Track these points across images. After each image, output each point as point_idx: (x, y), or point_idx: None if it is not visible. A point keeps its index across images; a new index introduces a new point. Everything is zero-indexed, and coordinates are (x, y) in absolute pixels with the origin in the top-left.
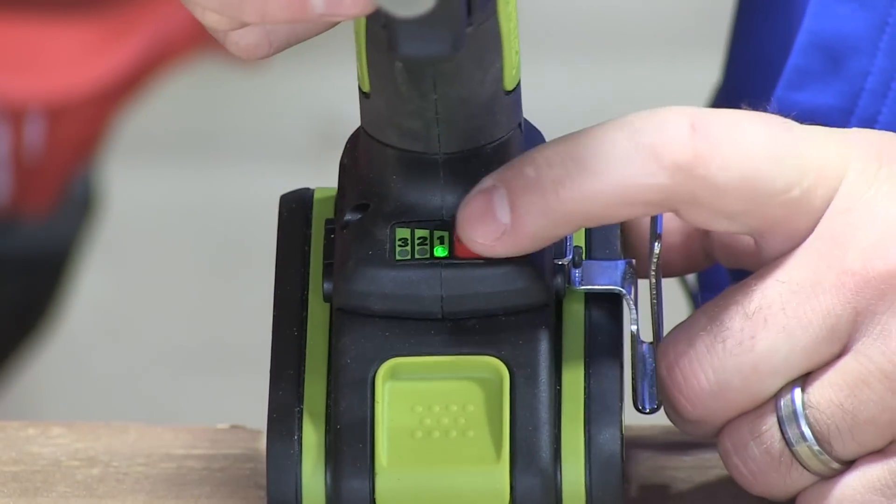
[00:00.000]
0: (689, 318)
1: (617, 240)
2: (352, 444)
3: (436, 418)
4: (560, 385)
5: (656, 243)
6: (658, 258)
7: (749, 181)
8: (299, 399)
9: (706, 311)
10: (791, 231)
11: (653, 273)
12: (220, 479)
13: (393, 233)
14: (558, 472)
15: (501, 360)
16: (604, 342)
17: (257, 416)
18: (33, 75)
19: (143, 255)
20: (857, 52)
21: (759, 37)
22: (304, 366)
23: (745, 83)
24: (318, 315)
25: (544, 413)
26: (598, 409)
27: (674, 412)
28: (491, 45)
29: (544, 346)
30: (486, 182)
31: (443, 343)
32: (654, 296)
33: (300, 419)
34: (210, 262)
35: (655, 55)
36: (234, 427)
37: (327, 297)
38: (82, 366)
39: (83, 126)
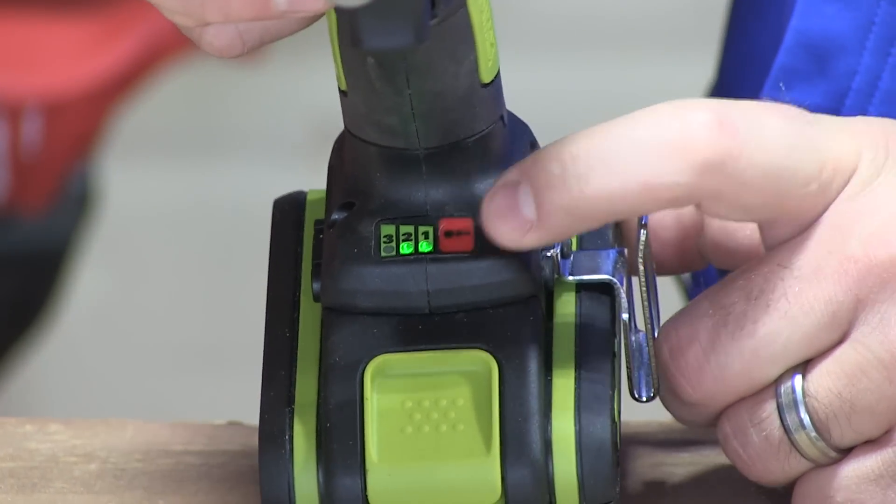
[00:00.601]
0: (692, 301)
1: (609, 230)
2: (342, 442)
3: (425, 413)
4: (551, 375)
5: (642, 232)
6: (645, 248)
7: (772, 176)
8: (290, 399)
9: (709, 295)
10: (801, 221)
11: (640, 260)
12: (218, 476)
13: (378, 230)
14: (549, 463)
15: (490, 353)
16: (595, 332)
17: (255, 413)
18: (31, 72)
19: (141, 252)
20: (843, 52)
21: (751, 35)
22: (296, 366)
23: (738, 81)
24: (309, 316)
25: (534, 404)
26: (589, 398)
27: (674, 395)
28: (462, 37)
29: (532, 338)
30: (511, 175)
31: (431, 338)
32: (643, 283)
33: (291, 419)
34: (207, 258)
35: (651, 51)
36: (231, 423)
37: (316, 297)
38: (80, 362)
39: (80, 123)
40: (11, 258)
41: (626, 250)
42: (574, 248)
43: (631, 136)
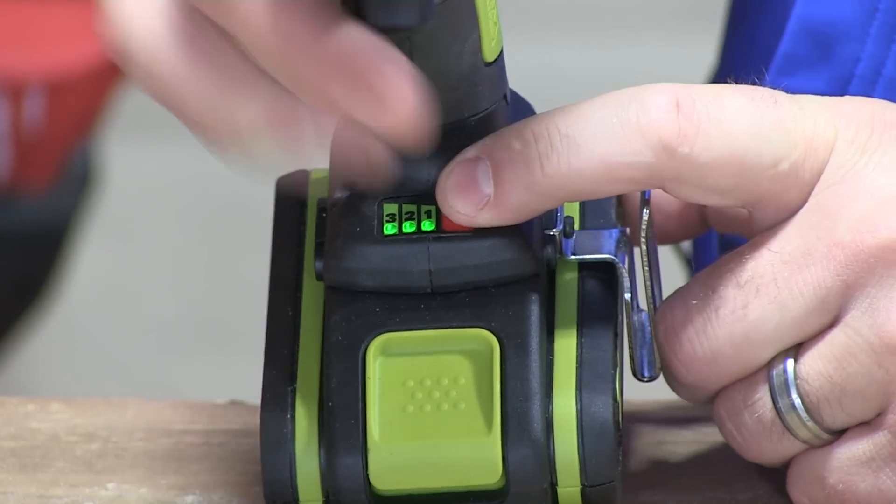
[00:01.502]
0: (685, 285)
1: (612, 209)
2: (344, 421)
3: (427, 392)
4: (552, 355)
5: (645, 210)
6: (648, 226)
7: (734, 158)
8: (292, 378)
9: (700, 279)
10: (783, 203)
11: (643, 241)
12: (218, 455)
13: (381, 208)
14: (551, 442)
15: (491, 332)
16: (597, 311)
17: (256, 392)
18: (33, 50)
19: (143, 231)
20: (847, 39)
21: (753, 21)
22: (298, 345)
23: (740, 68)
24: (312, 295)
25: (535, 383)
26: (591, 377)
27: (670, 376)
28: (466, 16)
29: (534, 317)
30: (470, 152)
31: (433, 317)
32: (645, 263)
33: (293, 398)
34: (210, 237)
35: (654, 31)
36: (232, 402)
37: (319, 276)
38: (81, 341)
39: (83, 101)
40: (13, 237)
41: (628, 230)
42: (577, 227)
43: (592, 115)
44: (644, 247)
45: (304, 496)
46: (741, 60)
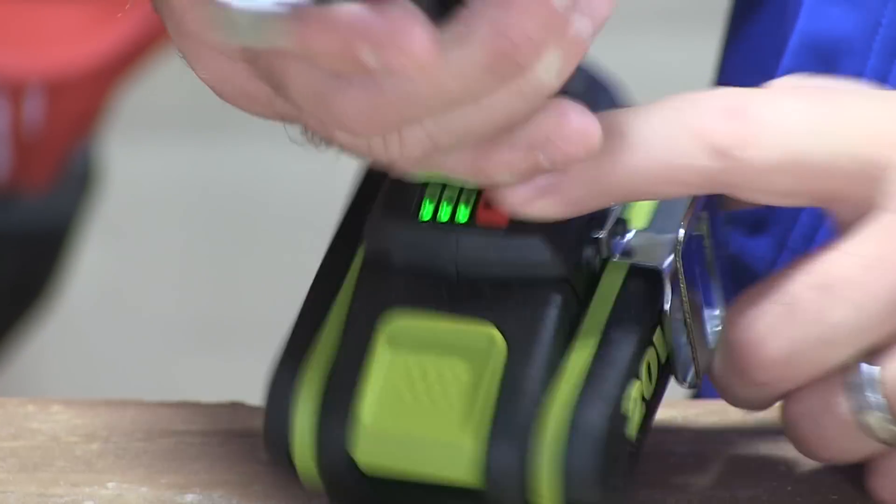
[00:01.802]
0: (759, 286)
1: (683, 212)
2: (342, 399)
3: (428, 384)
4: (568, 363)
5: (681, 229)
6: (682, 244)
7: (791, 161)
8: (313, 343)
9: (777, 281)
10: (855, 201)
11: (678, 260)
12: (218, 454)
13: (423, 188)
14: (536, 453)
15: (502, 333)
16: (629, 319)
17: (257, 393)
18: (33, 50)
19: (143, 231)
20: (849, 54)
21: (754, 37)
22: (332, 306)
23: (740, 84)
24: (359, 265)
25: (532, 391)
26: (593, 395)
27: (739, 377)
28: None
29: (548, 323)
30: None
31: (451, 304)
32: (682, 278)
33: (307, 360)
34: (210, 237)
35: (655, 32)
36: (233, 404)
37: None
38: (81, 342)
39: (83, 101)
40: (13, 237)
41: (681, 233)
42: (644, 226)
43: (650, 118)
44: (679, 265)
45: (300, 457)
46: (741, 77)
